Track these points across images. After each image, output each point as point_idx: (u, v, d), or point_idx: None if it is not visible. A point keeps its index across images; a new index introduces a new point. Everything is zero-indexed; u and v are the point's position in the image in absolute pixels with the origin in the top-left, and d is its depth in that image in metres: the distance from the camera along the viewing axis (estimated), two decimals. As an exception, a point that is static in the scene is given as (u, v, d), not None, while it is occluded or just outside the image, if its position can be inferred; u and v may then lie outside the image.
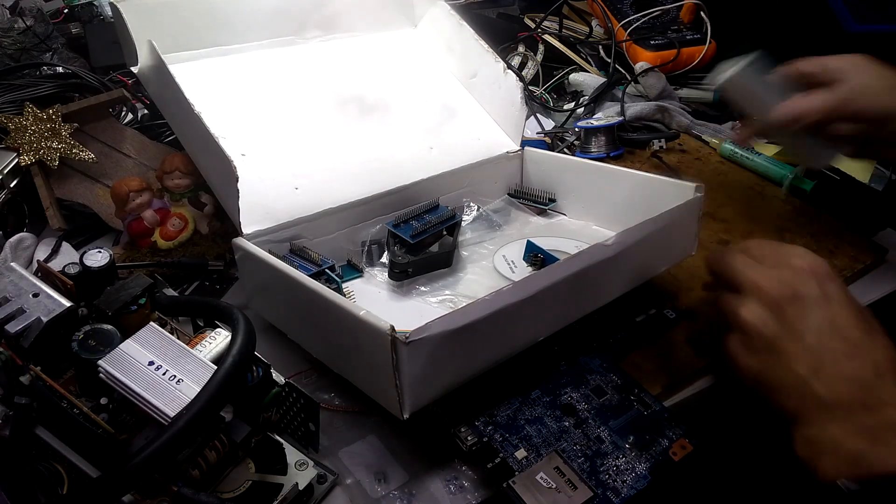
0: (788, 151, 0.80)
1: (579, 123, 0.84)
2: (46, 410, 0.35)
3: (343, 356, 0.49)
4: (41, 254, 0.64)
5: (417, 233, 0.60)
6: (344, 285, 0.57)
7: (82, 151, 0.65)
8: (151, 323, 0.38)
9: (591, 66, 0.99)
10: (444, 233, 0.63)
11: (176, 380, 0.35)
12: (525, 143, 0.74)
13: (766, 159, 0.81)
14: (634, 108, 0.89)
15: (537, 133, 0.87)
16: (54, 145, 0.65)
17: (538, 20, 1.03)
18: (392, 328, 0.40)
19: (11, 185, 0.66)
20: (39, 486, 0.35)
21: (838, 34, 0.89)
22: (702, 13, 1.00)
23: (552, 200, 0.70)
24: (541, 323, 0.49)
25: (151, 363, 0.35)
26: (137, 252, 0.65)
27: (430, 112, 0.73)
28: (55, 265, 0.52)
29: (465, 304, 0.44)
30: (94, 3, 0.92)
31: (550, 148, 0.84)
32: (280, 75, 0.70)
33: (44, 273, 0.41)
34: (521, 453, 0.45)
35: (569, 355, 0.53)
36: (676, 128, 0.90)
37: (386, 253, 0.60)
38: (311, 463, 0.44)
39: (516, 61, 0.98)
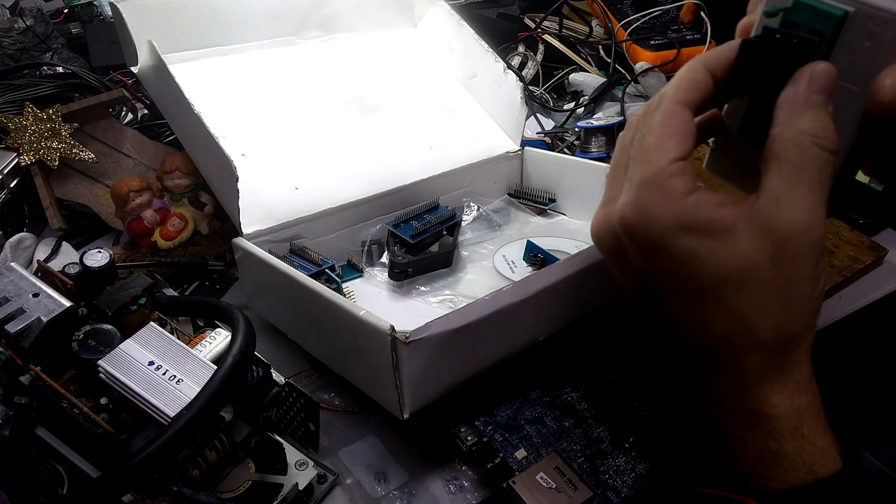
0: None
1: (579, 123, 0.84)
2: (46, 410, 0.35)
3: (343, 356, 0.49)
4: (41, 254, 0.64)
5: (417, 233, 0.60)
6: (344, 285, 0.57)
7: (82, 151, 0.65)
8: (151, 323, 0.38)
9: (591, 66, 0.99)
10: (444, 233, 0.63)
11: (176, 380, 0.35)
12: (525, 143, 0.74)
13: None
14: (634, 108, 0.89)
15: (537, 133, 0.87)
16: (54, 145, 0.65)
17: (538, 20, 1.03)
18: (392, 328, 0.40)
19: (11, 185, 0.66)
20: (39, 486, 0.35)
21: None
22: (702, 13, 1.00)
23: (552, 200, 0.70)
24: (541, 323, 0.49)
25: (151, 363, 0.36)
26: (137, 252, 0.65)
27: (430, 112, 0.73)
28: (55, 265, 0.52)
29: (465, 304, 0.44)
30: (94, 3, 0.92)
31: (550, 148, 0.84)
32: (280, 75, 0.70)
33: (44, 273, 0.41)
34: (521, 453, 0.45)
35: (569, 356, 0.53)
36: (676, 128, 0.90)
37: (386, 253, 0.60)
38: (311, 463, 0.44)
39: (516, 61, 0.98)
